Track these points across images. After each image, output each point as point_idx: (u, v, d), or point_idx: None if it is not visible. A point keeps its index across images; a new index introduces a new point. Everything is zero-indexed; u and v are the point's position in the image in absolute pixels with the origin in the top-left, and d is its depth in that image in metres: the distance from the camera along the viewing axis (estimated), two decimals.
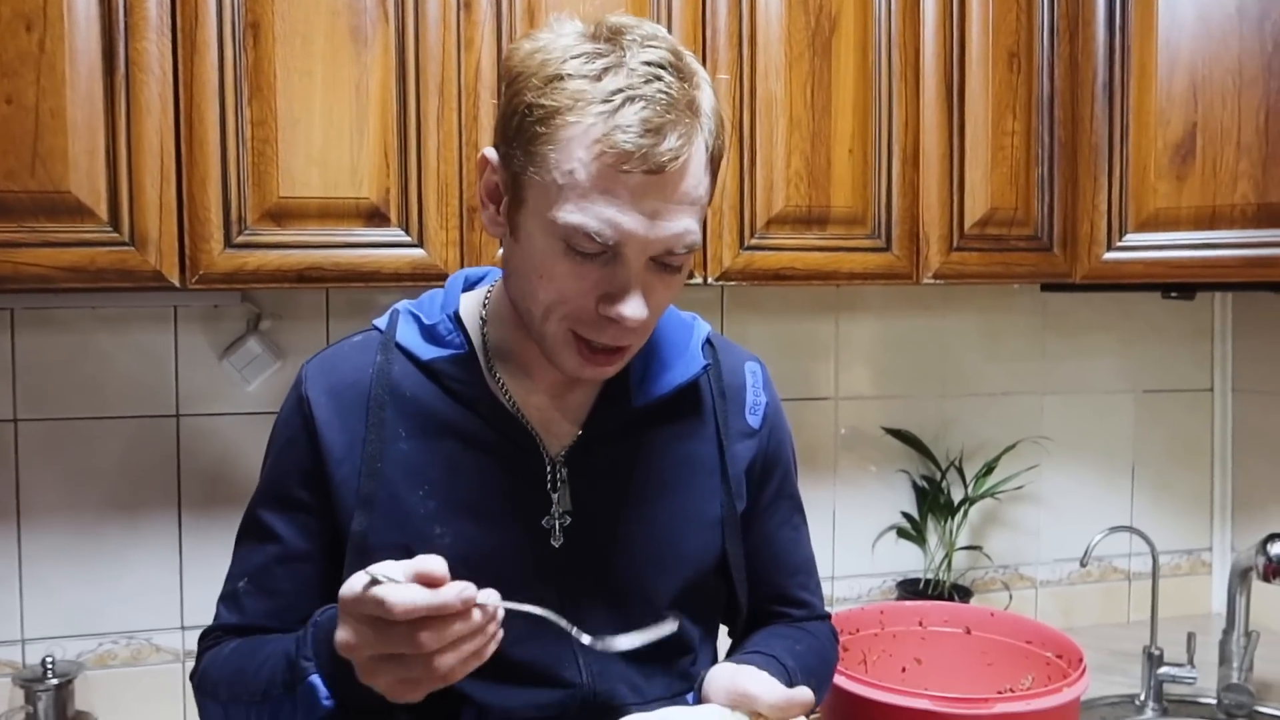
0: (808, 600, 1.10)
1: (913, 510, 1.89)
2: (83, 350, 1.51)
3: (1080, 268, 1.60)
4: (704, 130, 0.82)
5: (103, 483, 1.53)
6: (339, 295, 1.60)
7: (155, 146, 1.20)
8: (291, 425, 0.94)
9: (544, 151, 0.80)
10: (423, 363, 0.93)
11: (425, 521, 0.90)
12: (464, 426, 0.92)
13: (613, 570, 0.93)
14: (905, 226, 1.52)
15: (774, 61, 1.43)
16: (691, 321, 1.03)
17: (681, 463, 0.98)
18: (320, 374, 0.95)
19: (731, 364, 1.04)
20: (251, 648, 0.89)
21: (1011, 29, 1.55)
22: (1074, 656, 1.34)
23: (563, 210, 0.79)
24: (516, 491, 0.92)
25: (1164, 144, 1.52)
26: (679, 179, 0.80)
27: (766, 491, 1.05)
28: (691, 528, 0.97)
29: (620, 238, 0.79)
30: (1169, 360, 2.05)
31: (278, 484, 0.94)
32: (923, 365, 1.91)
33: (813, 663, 1.02)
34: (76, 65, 1.16)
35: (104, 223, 1.19)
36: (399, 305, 0.98)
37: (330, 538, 0.92)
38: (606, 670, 0.93)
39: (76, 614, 1.52)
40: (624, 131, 0.77)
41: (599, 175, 0.78)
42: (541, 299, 0.84)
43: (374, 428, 0.91)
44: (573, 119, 0.78)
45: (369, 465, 0.90)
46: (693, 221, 0.82)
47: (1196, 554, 2.09)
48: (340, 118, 1.26)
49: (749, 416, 1.02)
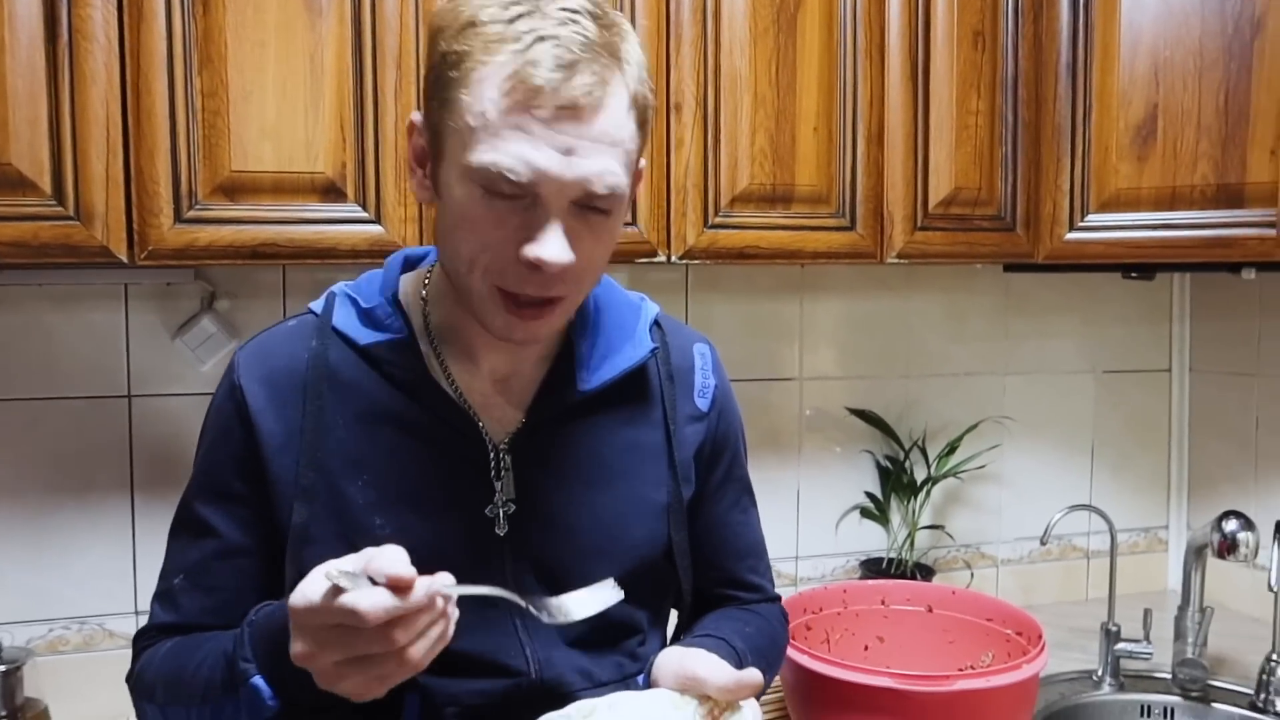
0: (757, 583, 1.09)
1: (876, 490, 1.90)
2: (30, 329, 1.47)
3: (1042, 248, 1.60)
4: (626, 76, 0.80)
5: (52, 465, 1.49)
6: (296, 273, 1.57)
7: (100, 117, 1.16)
8: (225, 415, 0.91)
9: (458, 96, 0.78)
10: (360, 348, 0.90)
11: (365, 512, 0.87)
12: (404, 414, 0.90)
13: (557, 559, 0.92)
14: (870, 205, 1.51)
15: (738, 37, 1.42)
16: (639, 303, 1.01)
17: (628, 449, 0.96)
18: (254, 361, 0.92)
19: (680, 346, 1.02)
20: (189, 647, 0.86)
21: (976, 8, 1.55)
22: (1034, 633, 1.35)
23: (476, 151, 0.77)
24: (458, 479, 0.90)
25: (1126, 124, 1.52)
26: (593, 116, 0.77)
27: (715, 475, 1.04)
28: (638, 515, 0.96)
29: (534, 176, 0.77)
30: (1128, 341, 2.07)
31: (213, 476, 0.91)
32: (887, 346, 1.92)
33: (762, 644, 1.02)
34: (16, 32, 1.12)
35: (47, 196, 1.15)
36: (335, 288, 0.95)
37: (268, 530, 0.89)
38: (552, 658, 0.92)
39: (26, 599, 1.49)
40: (535, 67, 0.75)
41: (509, 112, 0.76)
42: (464, 253, 0.82)
43: (311, 416, 0.88)
44: (484, 59, 0.77)
45: (307, 455, 0.88)
46: (613, 162, 0.79)
47: (1153, 532, 2.12)
48: (295, 90, 1.22)
49: (698, 400, 1.01)
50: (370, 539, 0.85)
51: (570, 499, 0.93)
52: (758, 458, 1.82)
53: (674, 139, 1.40)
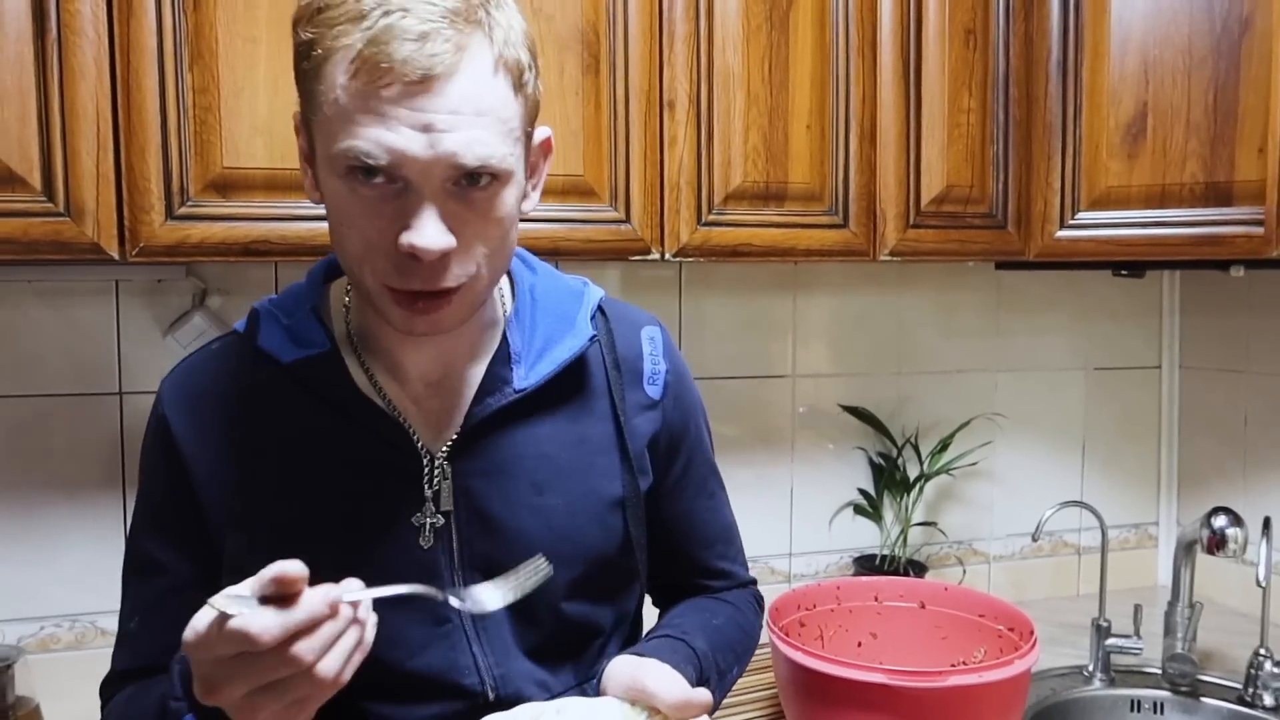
0: (728, 569, 1.06)
1: (869, 487, 1.90)
2: (20, 326, 1.46)
3: (1034, 245, 1.61)
4: (491, 41, 0.74)
5: (43, 462, 1.48)
6: (288, 269, 1.57)
7: (90, 113, 1.15)
8: (155, 450, 0.88)
9: (314, 88, 0.74)
10: (285, 366, 0.86)
11: (300, 538, 0.83)
12: (335, 431, 0.86)
13: (505, 567, 0.86)
14: (862, 203, 1.51)
15: (731, 35, 1.42)
16: (581, 288, 0.96)
17: (575, 445, 0.91)
18: (177, 390, 0.88)
19: (626, 332, 0.97)
20: (137, 697, 0.84)
21: (968, 6, 1.55)
22: (1025, 629, 1.36)
23: (334, 142, 0.73)
24: (394, 495, 0.86)
25: (1116, 123, 1.53)
26: (448, 85, 0.72)
27: (675, 464, 1.00)
28: (591, 514, 0.92)
29: (393, 158, 0.72)
30: (1119, 338, 2.08)
31: (153, 511, 0.89)
32: (879, 343, 1.92)
33: (732, 635, 0.99)
34: (4, 27, 1.11)
35: (37, 192, 1.14)
36: (259, 304, 0.91)
37: (212, 560, 0.86)
38: (510, 672, 0.89)
39: (17, 597, 1.48)
40: (379, 44, 0.70)
41: (358, 95, 0.71)
42: (349, 250, 0.77)
43: (235, 443, 0.85)
44: (331, 44, 0.72)
45: (236, 483, 0.85)
46: (483, 134, 0.73)
47: (1144, 528, 2.13)
48: (286, 86, 1.21)
49: (648, 387, 0.96)
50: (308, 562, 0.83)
51: (517, 504, 0.89)
52: (751, 454, 1.82)
53: (667, 136, 1.40)
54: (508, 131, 0.76)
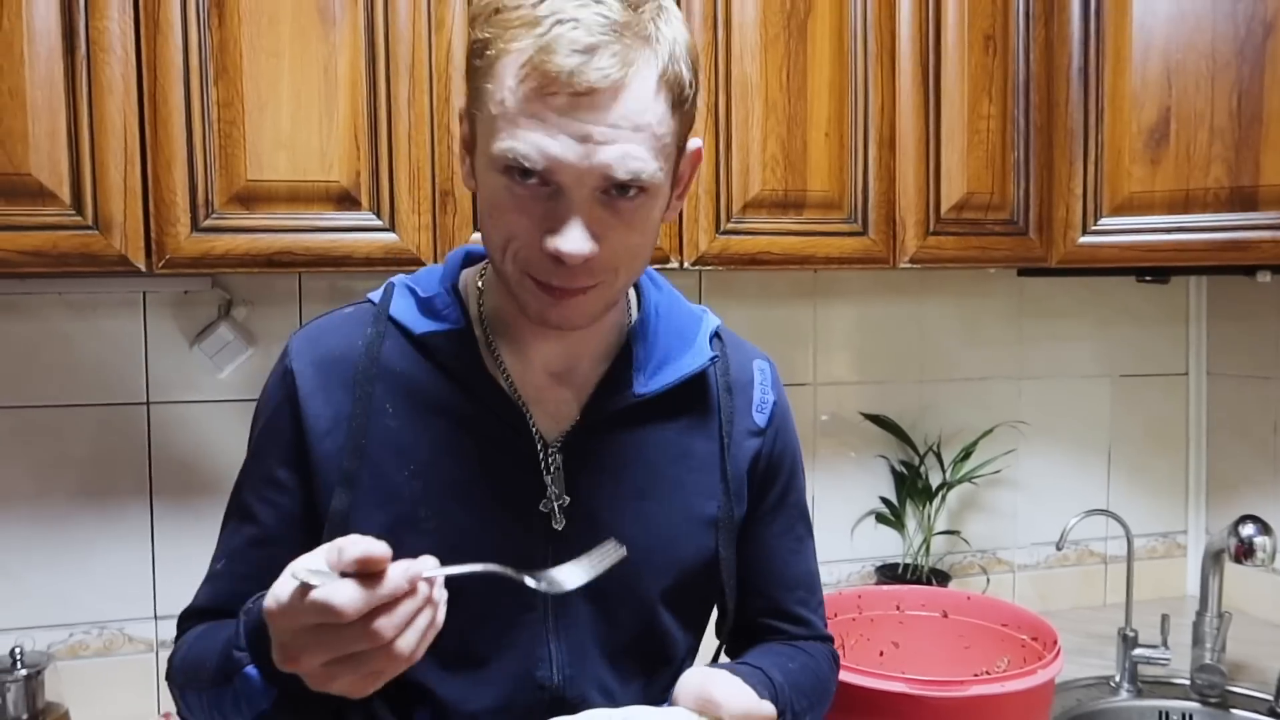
0: (806, 617, 1.04)
1: (891, 495, 1.90)
2: (50, 337, 1.49)
3: (1056, 252, 1.60)
4: (656, 56, 0.77)
5: (72, 471, 1.51)
6: (312, 280, 1.59)
7: (118, 128, 1.17)
8: (275, 399, 0.90)
9: (483, 86, 0.78)
10: (416, 337, 0.89)
11: (410, 504, 0.86)
12: (455, 405, 0.88)
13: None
14: (882, 210, 1.51)
15: (749, 44, 1.42)
16: (701, 314, 0.99)
17: (681, 458, 0.94)
18: (307, 346, 0.91)
19: (740, 360, 1.00)
20: (209, 634, 0.86)
21: (987, 12, 1.55)
22: (1049, 639, 1.34)
23: (497, 140, 0.76)
24: (507, 476, 0.89)
25: (1138, 128, 1.52)
26: (612, 101, 0.75)
27: (770, 496, 1.00)
28: (687, 527, 0.93)
29: (549, 164, 0.75)
30: (1144, 344, 2.06)
31: (260, 461, 0.91)
32: (901, 350, 1.92)
33: (804, 682, 0.97)
34: (35, 44, 1.14)
35: (67, 206, 1.17)
36: (395, 279, 0.95)
37: (308, 519, 0.88)
38: (581, 673, 0.90)
39: (47, 604, 1.50)
40: (550, 52, 0.73)
41: (525, 99, 0.75)
42: (496, 239, 0.81)
43: (360, 402, 0.87)
44: (504, 46, 0.75)
45: (354, 441, 0.87)
46: (637, 148, 0.76)
47: (1172, 537, 2.10)
48: (309, 100, 1.24)
49: (755, 414, 0.98)
50: (414, 531, 0.84)
51: (620, 504, 0.91)
52: None
53: None
54: (661, 148, 0.79)
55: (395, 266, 1.26)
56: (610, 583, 0.89)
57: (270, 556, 0.88)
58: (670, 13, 0.80)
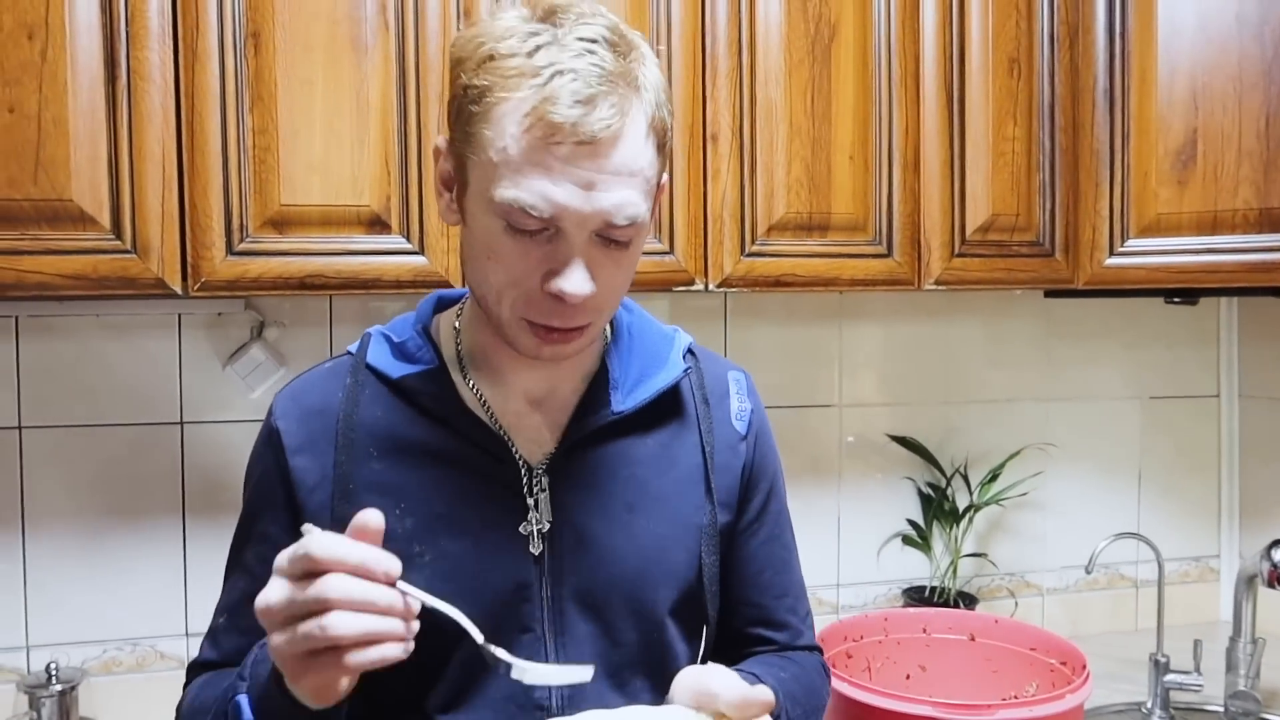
0: (796, 626, 1.05)
1: (918, 517, 1.89)
2: (87, 357, 1.52)
3: (1082, 273, 1.59)
4: (644, 103, 0.80)
5: (107, 489, 1.53)
6: (342, 303, 1.61)
7: (157, 155, 1.21)
8: (264, 459, 0.93)
9: (480, 131, 0.80)
10: (393, 381, 0.92)
11: (403, 541, 0.87)
12: (438, 442, 0.91)
13: (596, 582, 0.91)
14: (907, 233, 1.52)
15: (774, 68, 1.44)
16: (673, 333, 1.02)
17: (666, 471, 0.95)
18: (289, 403, 0.94)
19: (714, 372, 1.03)
20: (211, 684, 0.88)
21: (1011, 35, 1.55)
22: (1078, 663, 1.33)
23: (499, 188, 0.79)
24: (494, 503, 0.90)
25: (1165, 150, 1.51)
26: (612, 149, 0.78)
27: (753, 503, 1.02)
28: (677, 539, 0.95)
29: (555, 211, 0.78)
30: (1174, 366, 2.04)
31: (254, 520, 0.94)
32: (927, 372, 1.91)
33: (797, 691, 0.97)
34: (78, 74, 1.17)
35: (106, 231, 1.20)
36: (371, 329, 0.97)
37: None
38: (581, 692, 0.89)
39: (81, 620, 1.53)
40: (553, 103, 0.76)
41: (530, 149, 0.77)
42: (491, 281, 0.84)
43: (344, 450, 0.90)
44: (504, 95, 0.78)
45: (341, 489, 0.89)
46: (633, 193, 0.80)
47: (1204, 561, 2.07)
48: (341, 126, 1.26)
49: (735, 422, 1.00)
50: (410, 567, 0.85)
51: (609, 522, 0.92)
52: (797, 484, 1.82)
53: (710, 169, 1.42)
54: (650, 189, 0.83)
55: (425, 289, 1.27)
56: (611, 598, 0.91)
57: None
58: (648, 57, 0.83)
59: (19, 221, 1.17)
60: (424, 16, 1.29)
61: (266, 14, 1.23)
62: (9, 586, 1.50)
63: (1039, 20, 1.57)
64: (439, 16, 1.30)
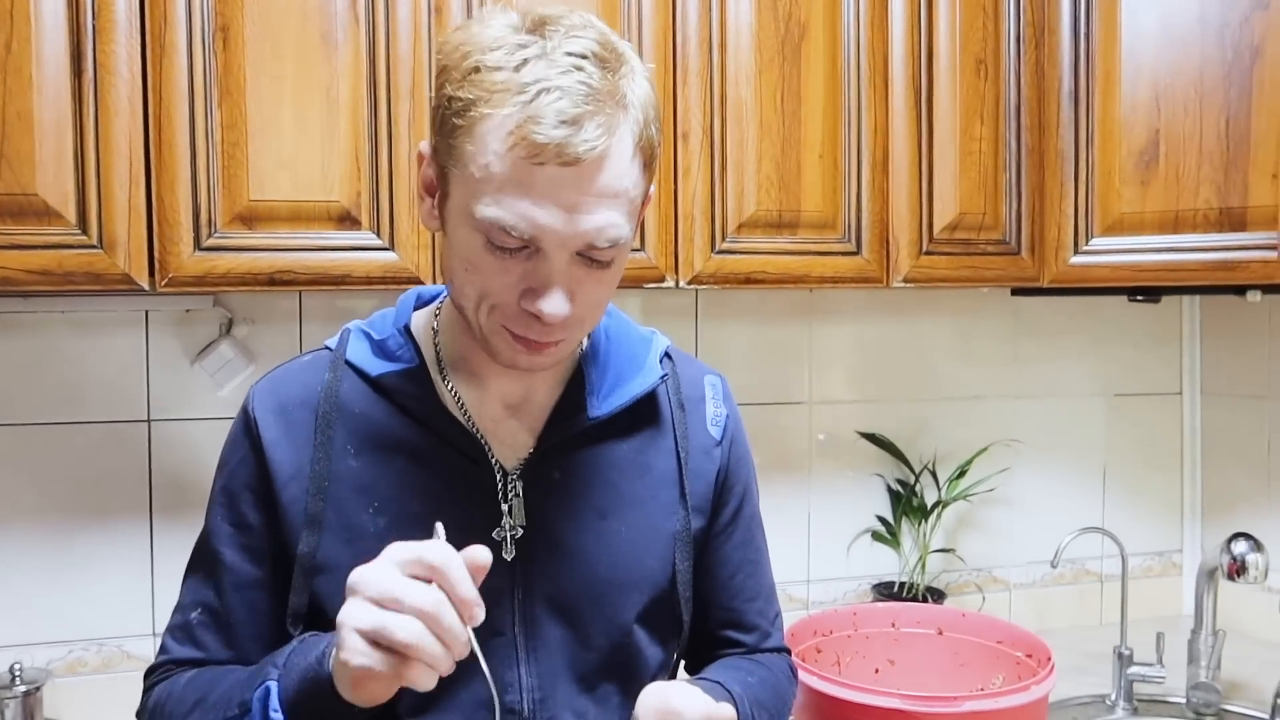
0: (766, 629, 1.05)
1: (887, 514, 1.90)
2: (52, 354, 1.50)
3: (1048, 271, 1.62)
4: (630, 121, 0.79)
5: (73, 488, 1.52)
6: (312, 299, 1.60)
7: (124, 149, 1.20)
8: (239, 447, 0.93)
9: (462, 145, 0.78)
10: (372, 379, 0.92)
11: (375, 540, 0.86)
12: (414, 442, 0.91)
13: (571, 587, 0.91)
14: (875, 231, 1.53)
15: (744, 67, 1.45)
16: (650, 336, 1.01)
17: (640, 476, 0.95)
18: (268, 393, 0.93)
19: (691, 376, 1.02)
20: (213, 678, 0.87)
21: (979, 36, 1.57)
22: (1043, 655, 1.35)
23: (480, 204, 0.78)
24: (468, 505, 0.90)
25: (1128, 150, 1.54)
26: (597, 171, 0.77)
27: (726, 508, 1.02)
28: (650, 544, 0.95)
29: (536, 232, 0.78)
30: (1138, 364, 2.08)
31: (227, 509, 0.93)
32: (896, 369, 1.93)
33: (764, 695, 0.98)
34: (44, 67, 1.16)
35: (72, 225, 1.18)
36: (350, 325, 0.97)
37: (279, 561, 0.90)
38: (551, 696, 0.90)
39: (45, 621, 1.51)
40: (537, 123, 0.75)
41: (513, 168, 0.76)
42: (469, 293, 0.83)
43: (321, 446, 0.90)
44: (488, 111, 0.76)
45: (316, 484, 0.89)
46: (615, 215, 0.80)
47: (1167, 555, 2.11)
48: (311, 121, 1.26)
49: (710, 428, 1.00)
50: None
51: (582, 526, 0.92)
52: (769, 482, 1.82)
53: (681, 167, 1.43)
54: (634, 209, 0.83)
55: (395, 285, 1.27)
56: (582, 603, 0.91)
57: (249, 601, 0.91)
58: (637, 71, 0.82)
59: None
60: (394, 12, 1.29)
61: (236, 8, 1.22)
62: None
63: (1006, 21, 1.59)
64: (410, 11, 1.29)
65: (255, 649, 0.89)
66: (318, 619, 0.87)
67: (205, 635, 0.92)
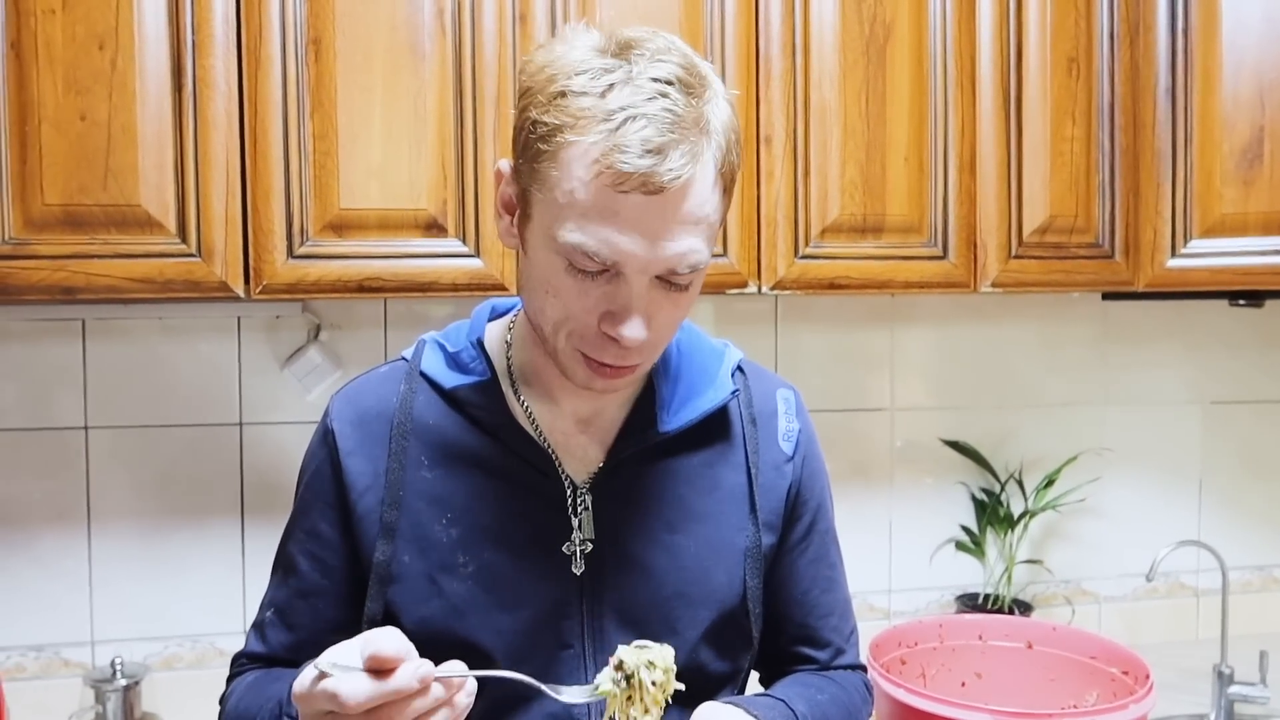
0: (840, 645, 1.04)
1: (971, 523, 1.86)
2: (150, 360, 1.55)
3: (1143, 275, 1.56)
4: (713, 147, 0.79)
5: (169, 489, 1.57)
6: (396, 305, 1.63)
7: (221, 160, 1.23)
8: (317, 457, 0.95)
9: (547, 169, 0.78)
10: (446, 391, 0.93)
11: (448, 550, 0.89)
12: (486, 454, 0.91)
13: (638, 601, 0.91)
14: (962, 235, 1.50)
15: (828, 70, 1.43)
16: (723, 349, 1.01)
17: (709, 491, 0.95)
18: (345, 405, 0.95)
19: (763, 390, 1.01)
20: (261, 685, 0.90)
21: (1070, 34, 1.53)
22: (1141, 673, 1.30)
23: (564, 229, 0.78)
24: (539, 518, 0.91)
25: (1230, 148, 1.48)
26: (681, 199, 0.77)
27: (800, 524, 1.01)
28: (719, 560, 0.94)
29: (619, 258, 0.78)
30: (1237, 370, 2.00)
31: (303, 516, 0.95)
32: (980, 376, 1.89)
33: (833, 713, 0.96)
34: (146, 82, 1.20)
35: (172, 235, 1.22)
36: (425, 336, 0.98)
37: (352, 571, 0.92)
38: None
39: (143, 617, 1.56)
40: (623, 151, 0.75)
41: (598, 195, 0.76)
42: (549, 315, 0.84)
43: (396, 456, 0.91)
44: (574, 137, 0.76)
45: (392, 494, 0.90)
46: (697, 241, 0.80)
47: (1268, 570, 2.02)
48: (399, 131, 1.28)
49: (782, 443, 0.99)
50: (453, 576, 0.87)
51: (650, 540, 0.92)
52: (849, 489, 1.80)
53: (764, 171, 1.41)
54: (714, 233, 0.83)
55: (480, 292, 1.29)
56: (650, 617, 0.91)
57: (313, 608, 0.94)
58: (719, 94, 0.81)
59: (89, 226, 1.20)
60: (480, 23, 1.30)
61: (327, 21, 1.25)
62: (75, 584, 1.54)
63: (1098, 18, 1.55)
64: (495, 21, 1.31)
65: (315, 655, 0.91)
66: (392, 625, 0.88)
67: (274, 634, 0.95)
